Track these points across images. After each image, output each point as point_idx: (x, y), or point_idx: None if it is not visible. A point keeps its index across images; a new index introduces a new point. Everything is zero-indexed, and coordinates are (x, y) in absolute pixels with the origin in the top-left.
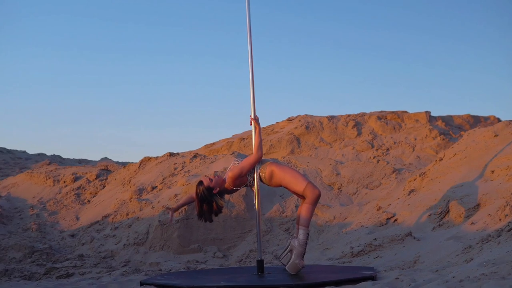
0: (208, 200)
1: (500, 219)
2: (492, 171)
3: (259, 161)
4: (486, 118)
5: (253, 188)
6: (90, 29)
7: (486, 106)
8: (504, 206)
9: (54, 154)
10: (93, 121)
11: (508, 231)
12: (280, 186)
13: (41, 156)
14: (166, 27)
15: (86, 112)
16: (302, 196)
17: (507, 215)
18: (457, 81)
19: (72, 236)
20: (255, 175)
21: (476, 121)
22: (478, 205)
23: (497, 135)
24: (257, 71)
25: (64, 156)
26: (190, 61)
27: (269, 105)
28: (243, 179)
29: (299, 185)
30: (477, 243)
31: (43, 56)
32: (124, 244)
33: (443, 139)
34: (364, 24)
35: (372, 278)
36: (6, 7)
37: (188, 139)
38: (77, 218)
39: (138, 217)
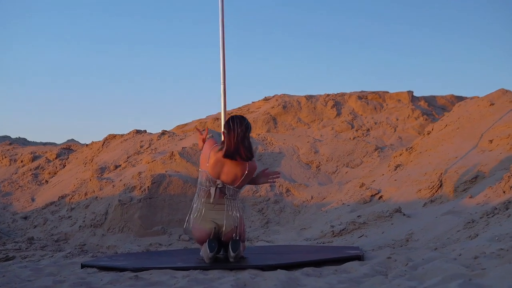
0: None
1: (504, 191)
2: (491, 141)
3: None
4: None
5: None
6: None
7: (468, 86)
8: (509, 177)
9: (19, 137)
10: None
11: None
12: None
13: (4, 138)
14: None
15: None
16: None
17: None
18: (440, 62)
19: (25, 218)
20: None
21: (460, 101)
22: (476, 177)
23: (493, 104)
24: (233, 48)
25: (29, 139)
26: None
27: (244, 84)
28: None
29: None
30: (481, 217)
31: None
32: (80, 226)
33: (426, 120)
34: (347, 9)
35: (358, 258)
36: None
37: (159, 120)
38: (33, 200)
39: (97, 197)
